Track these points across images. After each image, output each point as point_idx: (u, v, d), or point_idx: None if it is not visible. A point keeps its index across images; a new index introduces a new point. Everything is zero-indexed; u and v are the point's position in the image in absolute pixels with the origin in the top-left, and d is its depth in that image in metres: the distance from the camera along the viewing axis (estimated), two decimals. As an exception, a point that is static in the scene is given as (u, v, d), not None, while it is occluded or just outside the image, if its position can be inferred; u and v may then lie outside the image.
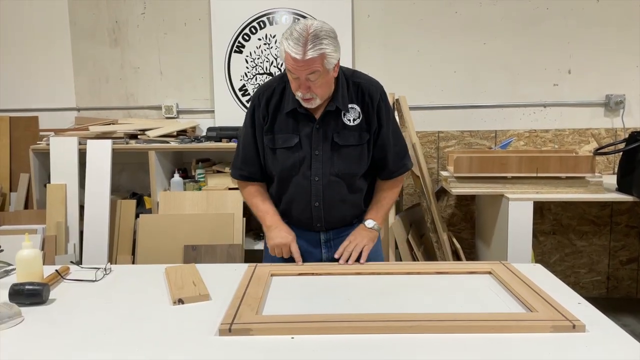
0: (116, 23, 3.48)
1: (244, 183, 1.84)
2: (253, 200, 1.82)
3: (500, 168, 2.69)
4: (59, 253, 2.96)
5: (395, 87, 3.18)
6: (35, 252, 1.52)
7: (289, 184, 1.74)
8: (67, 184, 3.05)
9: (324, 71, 1.56)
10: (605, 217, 3.41)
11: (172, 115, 3.50)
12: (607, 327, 1.21)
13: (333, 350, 1.12)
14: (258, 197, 1.81)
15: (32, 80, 3.57)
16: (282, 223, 1.76)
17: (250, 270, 1.61)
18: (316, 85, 1.57)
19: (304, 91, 1.58)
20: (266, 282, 1.51)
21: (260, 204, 1.80)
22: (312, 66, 1.53)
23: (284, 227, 1.75)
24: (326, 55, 1.54)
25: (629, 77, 3.30)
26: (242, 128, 1.80)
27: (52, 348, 1.16)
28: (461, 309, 1.32)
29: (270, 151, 1.73)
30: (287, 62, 1.56)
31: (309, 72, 1.54)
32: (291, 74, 1.59)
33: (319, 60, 1.53)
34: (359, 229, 1.75)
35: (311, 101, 1.62)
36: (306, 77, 1.55)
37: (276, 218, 1.77)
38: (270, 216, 1.77)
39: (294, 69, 1.55)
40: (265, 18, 3.38)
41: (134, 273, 1.70)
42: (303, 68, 1.53)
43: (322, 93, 1.62)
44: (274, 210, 1.79)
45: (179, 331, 1.23)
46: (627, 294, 3.47)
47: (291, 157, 1.70)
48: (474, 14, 3.32)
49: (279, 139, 1.71)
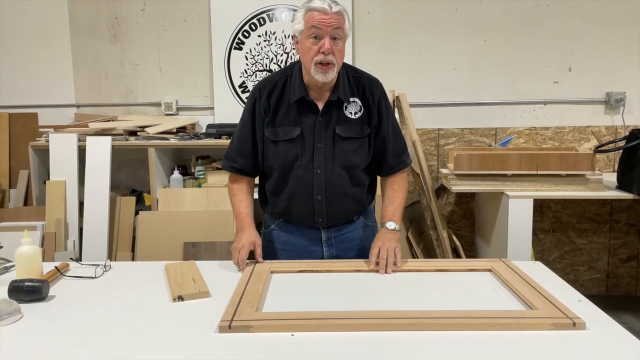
0: (116, 19, 3.47)
1: (233, 176, 1.82)
2: (233, 199, 1.80)
3: (500, 165, 2.69)
4: (59, 250, 2.96)
5: (396, 84, 3.18)
6: (34, 249, 1.52)
7: (290, 178, 1.73)
8: (67, 180, 3.05)
9: (344, 35, 1.61)
10: (605, 214, 3.41)
11: (171, 112, 3.49)
12: (607, 324, 1.21)
13: (333, 348, 1.12)
14: (237, 195, 1.79)
15: (32, 76, 3.56)
16: (250, 226, 1.74)
17: (250, 267, 1.61)
18: (337, 48, 1.59)
19: (327, 50, 1.57)
20: (266, 279, 1.51)
21: (237, 203, 1.78)
22: (338, 21, 1.57)
23: (250, 231, 1.72)
24: (346, 18, 1.61)
25: (630, 74, 3.29)
26: (240, 121, 1.79)
27: (51, 345, 1.16)
28: (461, 306, 1.32)
29: (271, 144, 1.71)
30: (311, 20, 1.57)
31: (335, 26, 1.57)
32: (315, 33, 1.58)
33: (343, 18, 1.59)
34: (382, 232, 1.72)
35: (330, 68, 1.60)
36: (331, 35, 1.58)
37: (247, 221, 1.75)
38: (241, 219, 1.75)
39: (321, 22, 1.56)
40: (265, 15, 3.37)
41: (133, 270, 1.69)
42: (330, 22, 1.56)
43: (339, 61, 1.62)
44: (246, 212, 1.77)
45: (179, 328, 1.23)
46: (626, 292, 3.47)
47: (293, 149, 1.70)
48: (474, 11, 3.31)
49: (280, 132, 1.70)
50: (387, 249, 1.62)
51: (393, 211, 1.77)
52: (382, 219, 1.76)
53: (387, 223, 1.73)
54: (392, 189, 1.82)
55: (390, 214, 1.76)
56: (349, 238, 1.82)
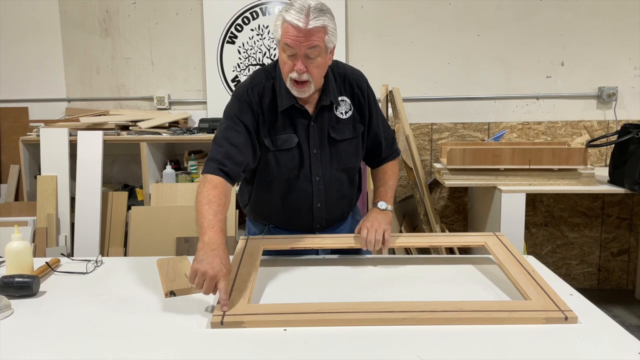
0: (107, 13, 3.43)
1: (210, 182, 1.49)
2: (204, 207, 1.41)
3: (493, 160, 2.69)
4: (50, 245, 2.94)
5: (389, 78, 3.18)
6: (24, 244, 1.50)
7: (291, 188, 1.64)
8: (58, 175, 3.02)
9: (324, 49, 1.47)
10: (596, 209, 3.43)
11: (164, 106, 3.47)
12: (599, 318, 1.22)
13: (325, 343, 1.11)
14: (213, 205, 1.42)
15: (22, 70, 3.52)
16: (222, 248, 1.32)
17: (242, 243, 1.61)
18: (314, 64, 1.47)
19: (300, 70, 1.45)
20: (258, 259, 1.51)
21: (211, 214, 1.39)
22: (314, 38, 1.43)
23: (222, 253, 1.30)
24: (328, 30, 1.45)
25: (622, 69, 3.30)
26: (226, 121, 1.58)
27: (41, 340, 1.15)
28: (454, 297, 1.32)
29: (272, 155, 1.60)
30: (286, 35, 1.44)
31: (309, 46, 1.43)
32: (288, 51, 1.46)
33: (321, 34, 1.44)
34: (373, 212, 1.66)
35: (305, 86, 1.49)
36: (305, 53, 1.45)
37: (218, 238, 1.34)
38: (214, 233, 1.35)
39: (294, 41, 1.43)
40: (258, 8, 3.35)
41: (125, 265, 1.68)
42: (304, 39, 1.42)
43: (318, 76, 1.51)
44: (220, 227, 1.38)
45: (171, 324, 1.22)
46: (617, 285, 3.50)
47: (292, 159, 1.61)
48: (467, 6, 3.31)
49: (278, 140, 1.59)
50: (375, 230, 1.58)
51: (385, 192, 1.74)
52: (374, 199, 1.73)
53: (379, 203, 1.69)
54: (384, 172, 1.79)
55: (382, 194, 1.73)
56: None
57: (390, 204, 1.70)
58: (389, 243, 1.59)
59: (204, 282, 1.24)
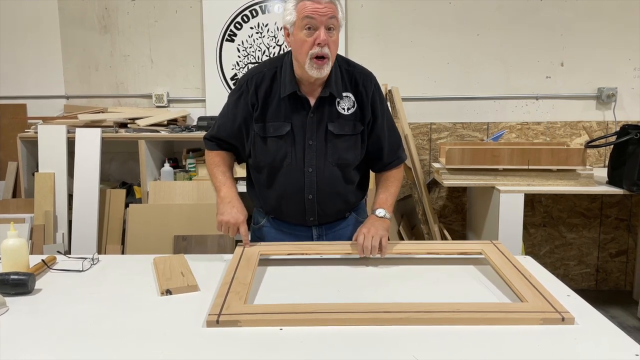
0: (106, 10, 3.42)
1: (213, 151, 1.77)
2: (214, 170, 1.73)
3: (491, 160, 2.69)
4: (47, 242, 2.93)
5: (389, 77, 3.17)
6: (20, 242, 1.50)
7: (280, 176, 1.68)
8: (56, 172, 3.01)
9: (338, 25, 1.54)
10: (595, 209, 3.43)
11: (162, 104, 3.46)
12: (596, 319, 1.22)
13: (321, 342, 1.11)
14: (220, 167, 1.73)
15: (20, 67, 3.51)
16: (236, 199, 1.68)
17: (239, 250, 1.60)
18: (332, 39, 1.53)
19: (324, 40, 1.50)
20: (255, 263, 1.50)
21: (220, 174, 1.72)
22: (332, 10, 1.50)
23: (237, 203, 1.66)
24: (339, 7, 1.53)
25: (621, 70, 3.30)
26: (223, 110, 1.74)
27: (37, 338, 1.14)
28: (451, 298, 1.32)
29: (260, 140, 1.65)
30: (304, 10, 1.50)
31: (331, 15, 1.50)
32: (309, 24, 1.50)
33: (336, 8, 1.52)
34: (370, 219, 1.67)
35: (324, 63, 1.53)
36: (326, 25, 1.50)
37: (232, 192, 1.68)
38: (227, 189, 1.69)
39: (314, 12, 1.49)
40: (258, 6, 3.34)
41: (121, 263, 1.68)
42: (325, 11, 1.49)
43: (334, 53, 1.57)
44: (231, 183, 1.71)
45: (166, 322, 1.22)
46: (615, 286, 3.50)
47: (283, 146, 1.63)
48: (467, 5, 3.30)
49: (270, 127, 1.63)
50: (372, 236, 1.58)
51: (385, 199, 1.73)
52: (373, 206, 1.73)
53: (377, 210, 1.69)
54: (387, 178, 1.78)
55: (382, 201, 1.72)
56: (340, 235, 1.78)
57: (389, 211, 1.70)
58: (385, 250, 1.59)
59: (229, 229, 1.62)
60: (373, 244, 1.57)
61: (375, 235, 1.58)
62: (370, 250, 1.56)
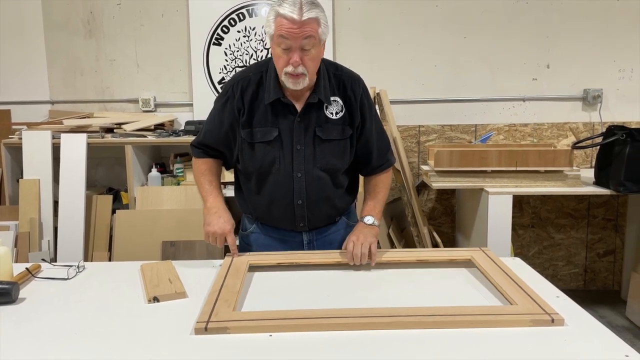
0: (91, 14, 3.39)
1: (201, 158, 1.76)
2: (200, 179, 1.72)
3: (480, 162, 2.70)
4: (33, 250, 2.89)
5: (376, 80, 3.17)
6: (4, 250, 1.47)
7: (269, 182, 1.66)
8: (41, 179, 2.97)
9: (317, 41, 1.49)
10: (582, 210, 3.46)
11: (149, 108, 3.43)
12: (585, 320, 1.22)
13: (311, 348, 1.10)
14: (207, 175, 1.72)
15: (4, 72, 3.46)
16: (223, 209, 1.67)
17: (228, 260, 1.59)
18: (309, 57, 1.49)
19: (295, 62, 1.47)
20: (244, 273, 1.48)
21: (207, 184, 1.71)
22: (308, 29, 1.45)
23: (224, 213, 1.66)
24: (320, 22, 1.48)
25: (607, 71, 3.33)
26: (209, 116, 1.73)
27: (21, 348, 1.12)
28: (441, 302, 1.31)
29: (248, 146, 1.64)
30: (280, 28, 1.45)
31: (305, 36, 1.45)
32: (283, 44, 1.47)
33: (315, 25, 1.46)
34: (359, 226, 1.67)
35: (300, 78, 1.51)
36: (300, 45, 1.46)
37: (218, 201, 1.68)
38: (214, 198, 1.69)
39: (289, 32, 1.44)
40: (245, 10, 3.33)
41: (108, 271, 1.65)
42: (299, 31, 1.44)
43: (312, 69, 1.53)
44: (217, 193, 1.71)
45: (154, 330, 1.20)
46: (603, 286, 3.53)
47: (271, 152, 1.62)
48: (454, 8, 3.32)
49: (257, 133, 1.62)
50: (361, 243, 1.57)
51: (373, 206, 1.73)
52: (361, 213, 1.72)
53: (365, 217, 1.69)
54: (375, 184, 1.77)
55: (370, 208, 1.72)
56: (331, 240, 1.77)
57: (377, 218, 1.70)
58: (375, 257, 1.58)
59: (217, 239, 1.63)
60: (363, 251, 1.56)
61: (364, 242, 1.57)
62: (360, 258, 1.56)
